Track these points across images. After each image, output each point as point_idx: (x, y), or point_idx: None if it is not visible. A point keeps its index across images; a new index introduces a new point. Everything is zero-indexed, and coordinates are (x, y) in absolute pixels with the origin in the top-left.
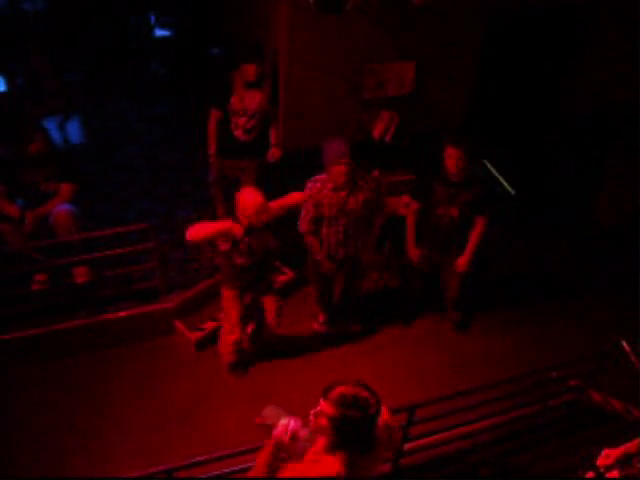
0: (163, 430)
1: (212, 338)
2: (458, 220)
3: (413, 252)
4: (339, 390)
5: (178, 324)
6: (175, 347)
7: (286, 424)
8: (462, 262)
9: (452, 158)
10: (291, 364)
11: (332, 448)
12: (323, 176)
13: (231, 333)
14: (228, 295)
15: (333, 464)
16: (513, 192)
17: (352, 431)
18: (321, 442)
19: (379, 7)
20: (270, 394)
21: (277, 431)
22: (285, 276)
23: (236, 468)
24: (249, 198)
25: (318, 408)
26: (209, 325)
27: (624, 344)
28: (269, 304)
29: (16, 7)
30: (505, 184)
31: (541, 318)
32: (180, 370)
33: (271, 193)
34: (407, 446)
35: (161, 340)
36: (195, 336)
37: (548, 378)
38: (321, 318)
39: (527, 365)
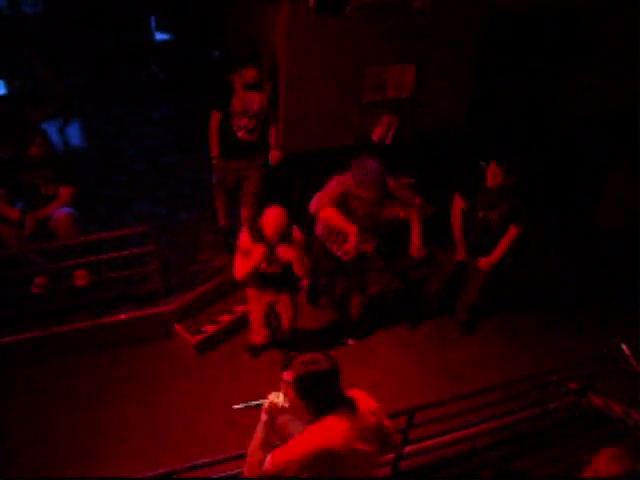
0: (163, 433)
1: (212, 341)
2: (496, 225)
3: (416, 249)
4: (295, 359)
5: (178, 327)
6: (175, 350)
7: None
8: (486, 261)
9: (494, 173)
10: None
11: (312, 417)
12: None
13: (257, 334)
14: (251, 294)
15: (323, 432)
16: None
17: (315, 387)
18: (304, 418)
19: (379, 9)
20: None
21: (270, 399)
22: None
23: (236, 471)
24: (271, 218)
25: (283, 383)
26: (209, 328)
27: (624, 347)
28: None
29: (16, 10)
30: None
31: (541, 321)
32: (180, 373)
33: (273, 194)
34: (407, 449)
35: (161, 343)
36: (195, 339)
37: (548, 381)
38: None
39: (527, 368)
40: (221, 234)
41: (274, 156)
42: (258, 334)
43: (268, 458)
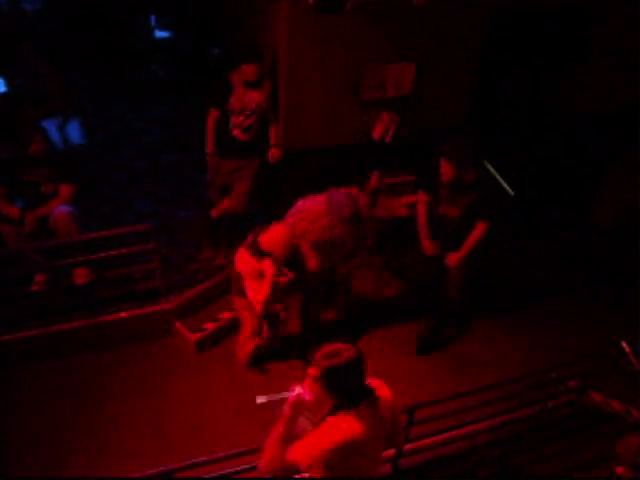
0: (163, 431)
1: (212, 339)
2: (459, 221)
3: (427, 243)
4: (318, 352)
5: (178, 325)
6: (175, 348)
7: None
8: (453, 258)
9: (444, 170)
10: (290, 366)
11: (335, 410)
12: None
13: (248, 343)
14: (240, 304)
15: (347, 425)
16: (513, 193)
17: (341, 380)
18: (325, 410)
19: (379, 7)
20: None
21: (296, 391)
22: (285, 277)
23: (237, 469)
24: (274, 237)
25: (307, 377)
26: (209, 326)
27: (624, 345)
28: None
29: (16, 7)
30: (505, 185)
31: (541, 319)
32: (180, 371)
33: (272, 194)
34: (407, 447)
35: (161, 341)
36: (195, 337)
37: (548, 379)
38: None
39: (527, 366)
40: (210, 225)
41: (273, 154)
42: (248, 343)
43: (289, 452)
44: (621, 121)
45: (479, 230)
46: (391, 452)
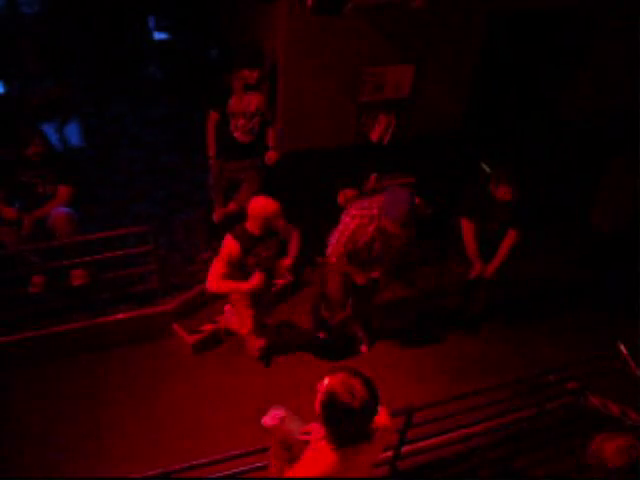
0: (161, 432)
1: (210, 341)
2: (496, 233)
3: (479, 266)
4: (341, 374)
5: (176, 327)
6: (173, 350)
7: (272, 413)
8: (490, 269)
9: (504, 192)
10: (290, 365)
11: (327, 438)
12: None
13: (257, 338)
14: (242, 301)
15: (326, 455)
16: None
17: (338, 416)
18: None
19: (378, 9)
20: (268, 396)
21: (265, 420)
22: (284, 279)
23: (234, 470)
24: (259, 206)
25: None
26: (207, 328)
27: (622, 347)
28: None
29: (14, 10)
30: None
31: (540, 322)
32: (178, 373)
33: (271, 195)
34: (405, 449)
35: (159, 343)
36: (193, 339)
37: (546, 381)
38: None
39: (525, 369)
40: (213, 228)
41: (271, 156)
42: (257, 338)
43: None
44: (621, 125)
45: (511, 238)
46: (389, 454)
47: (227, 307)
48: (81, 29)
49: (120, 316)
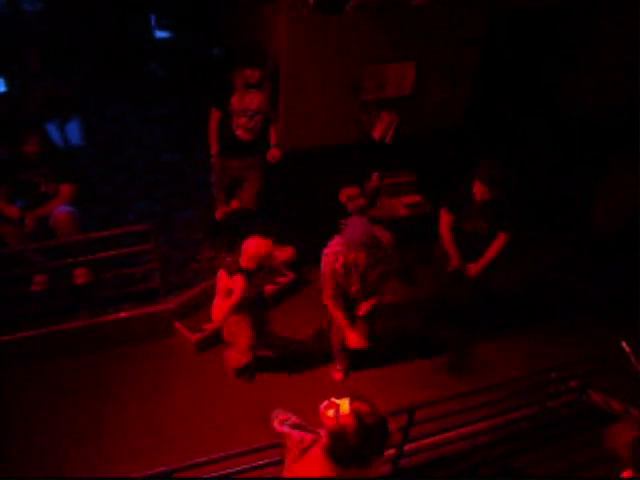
0: (163, 431)
1: (212, 339)
2: (485, 234)
3: (456, 259)
4: (365, 404)
5: (178, 325)
6: (175, 348)
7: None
8: (475, 268)
9: (479, 190)
10: (290, 365)
11: (325, 450)
12: (339, 247)
13: (243, 356)
14: (236, 319)
15: (321, 465)
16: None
17: (343, 443)
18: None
19: (379, 7)
20: (269, 396)
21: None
22: (285, 277)
23: (236, 469)
24: (253, 247)
25: (335, 406)
26: (209, 326)
27: (624, 345)
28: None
29: (15, 8)
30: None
31: (541, 320)
32: (180, 371)
33: (272, 194)
34: (407, 447)
35: (161, 341)
36: (195, 337)
37: (548, 379)
38: (339, 366)
39: (527, 367)
40: (215, 227)
41: (274, 154)
42: (244, 357)
43: None
44: (621, 122)
45: (500, 241)
46: (391, 452)
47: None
48: (83, 27)
49: (122, 315)
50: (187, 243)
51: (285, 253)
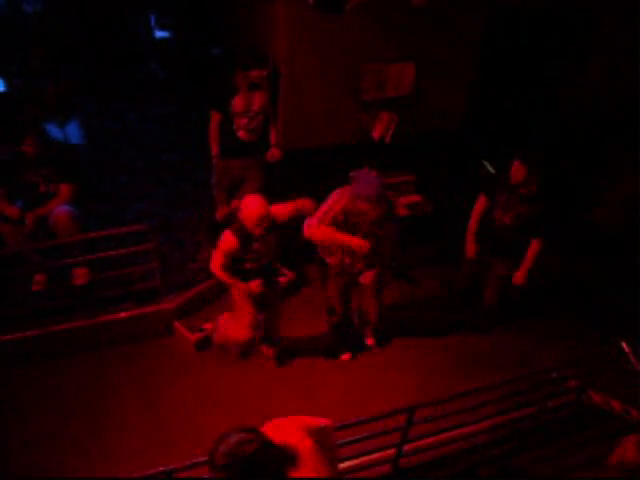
0: (163, 431)
1: (212, 339)
2: (511, 229)
3: (470, 246)
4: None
5: (178, 325)
6: (175, 348)
7: None
8: (519, 276)
9: (517, 171)
10: (291, 365)
11: None
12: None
13: (245, 332)
14: (240, 294)
15: None
16: None
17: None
18: None
19: (379, 7)
20: (269, 396)
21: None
22: (285, 277)
23: None
24: (252, 208)
25: None
26: (209, 326)
27: (624, 345)
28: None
29: (15, 8)
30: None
31: (541, 320)
32: (180, 371)
33: (272, 194)
34: (406, 447)
35: (161, 341)
36: (195, 337)
37: (548, 379)
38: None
39: (527, 366)
40: (215, 227)
41: (273, 154)
42: (246, 333)
43: None
44: (621, 121)
45: (535, 247)
46: (391, 452)
47: (222, 318)
48: (82, 27)
49: (122, 314)
50: (187, 243)
51: (288, 207)
